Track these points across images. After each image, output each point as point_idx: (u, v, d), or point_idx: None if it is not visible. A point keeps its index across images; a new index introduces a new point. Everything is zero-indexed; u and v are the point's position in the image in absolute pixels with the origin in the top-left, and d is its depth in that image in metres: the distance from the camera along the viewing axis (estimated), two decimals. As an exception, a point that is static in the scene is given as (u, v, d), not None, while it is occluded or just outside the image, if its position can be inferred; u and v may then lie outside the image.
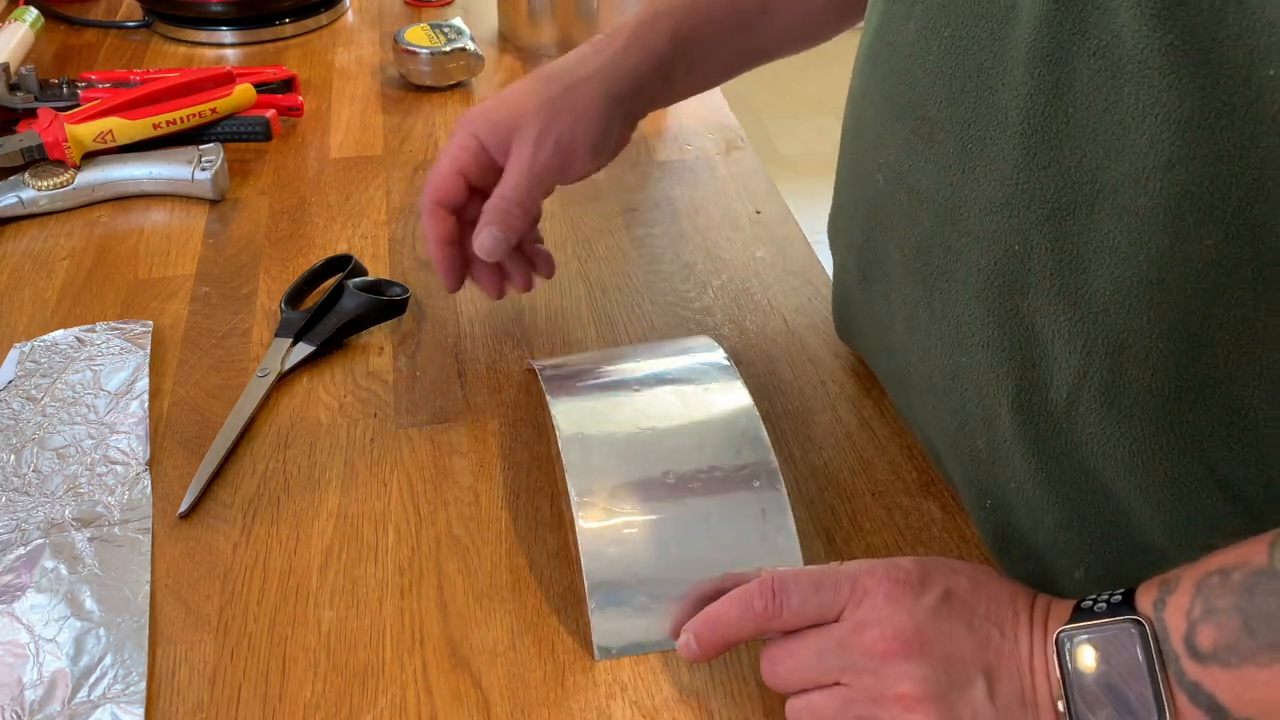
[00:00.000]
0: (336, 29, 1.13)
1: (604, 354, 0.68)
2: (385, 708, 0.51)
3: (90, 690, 0.51)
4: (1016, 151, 0.46)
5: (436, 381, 0.69)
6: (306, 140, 0.94)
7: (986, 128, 0.48)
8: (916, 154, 0.52)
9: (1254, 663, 0.39)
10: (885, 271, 0.58)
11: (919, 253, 0.54)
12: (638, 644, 0.53)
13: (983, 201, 0.49)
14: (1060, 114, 0.44)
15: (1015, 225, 0.48)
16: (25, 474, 0.61)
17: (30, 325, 0.73)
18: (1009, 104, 0.46)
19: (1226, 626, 0.40)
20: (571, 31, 1.04)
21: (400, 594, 0.56)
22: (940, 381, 0.55)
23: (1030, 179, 0.46)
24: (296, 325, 0.71)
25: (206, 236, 0.82)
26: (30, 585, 0.55)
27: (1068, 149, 0.45)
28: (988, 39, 0.47)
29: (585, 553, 0.54)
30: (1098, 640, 0.43)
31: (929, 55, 0.50)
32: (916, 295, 0.55)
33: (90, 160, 0.86)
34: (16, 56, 1.00)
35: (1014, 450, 0.52)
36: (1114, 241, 0.45)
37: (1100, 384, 0.48)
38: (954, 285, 0.52)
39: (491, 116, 0.64)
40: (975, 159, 0.49)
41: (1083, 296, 0.46)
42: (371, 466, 0.63)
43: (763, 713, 0.51)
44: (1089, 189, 0.44)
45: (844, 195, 0.61)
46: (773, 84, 2.96)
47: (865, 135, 0.57)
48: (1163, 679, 0.42)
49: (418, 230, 0.83)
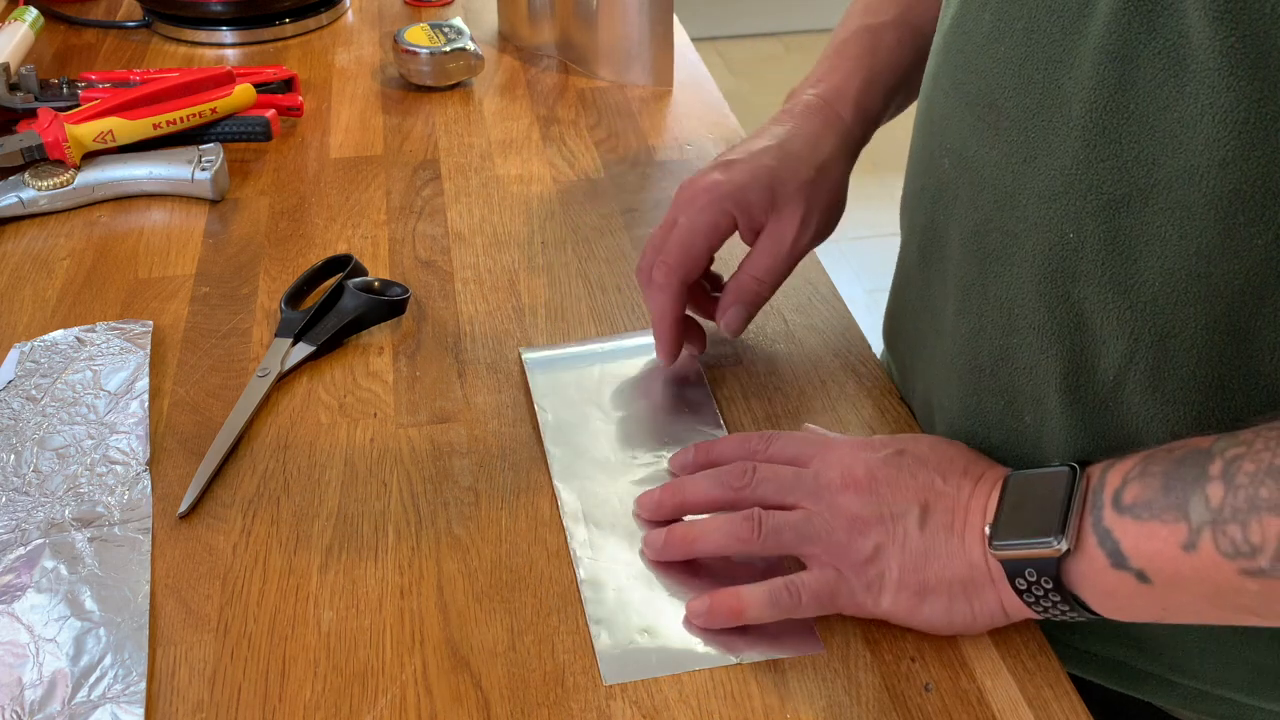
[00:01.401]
0: (336, 29, 1.13)
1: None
2: (385, 708, 0.51)
3: (90, 690, 0.51)
4: (1077, 143, 0.48)
5: (436, 381, 0.69)
6: (306, 140, 0.94)
7: (1050, 118, 0.49)
8: (982, 140, 0.54)
9: (1159, 519, 0.45)
10: (944, 254, 0.59)
11: (977, 236, 0.55)
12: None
13: (1041, 190, 0.51)
14: (1122, 109, 0.46)
15: (1071, 214, 0.49)
16: (25, 474, 0.61)
17: (30, 325, 0.73)
18: (1073, 96, 0.48)
19: (1150, 486, 0.46)
20: (571, 31, 1.05)
21: (400, 594, 0.56)
22: (988, 362, 0.57)
23: (1088, 170, 0.48)
24: (296, 325, 0.71)
25: (206, 236, 0.82)
26: (30, 585, 0.55)
27: (1126, 143, 0.46)
28: (1059, 33, 0.49)
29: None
30: (1033, 478, 0.51)
31: (1000, 45, 0.52)
32: (972, 277, 0.56)
33: (90, 160, 0.86)
34: (16, 56, 1.00)
35: (1060, 427, 0.54)
36: (1165, 235, 0.46)
37: (1145, 370, 0.50)
38: (1009, 269, 0.54)
39: (749, 196, 0.65)
40: (1037, 148, 0.50)
41: (1132, 286, 0.48)
42: (371, 466, 0.63)
43: (763, 713, 0.51)
44: (1144, 183, 0.46)
45: (912, 178, 0.63)
46: (773, 84, 2.96)
47: (934, 119, 0.58)
48: (1079, 518, 0.48)
49: (418, 230, 0.83)
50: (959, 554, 0.52)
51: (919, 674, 0.53)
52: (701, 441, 0.63)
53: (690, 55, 1.08)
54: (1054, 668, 0.53)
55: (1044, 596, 0.49)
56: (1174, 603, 0.47)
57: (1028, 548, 0.49)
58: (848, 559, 0.53)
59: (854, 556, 0.53)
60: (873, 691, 0.52)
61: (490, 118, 0.97)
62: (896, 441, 0.56)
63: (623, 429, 0.66)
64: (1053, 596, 0.49)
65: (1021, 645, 0.54)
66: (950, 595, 0.52)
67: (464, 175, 0.89)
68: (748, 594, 0.54)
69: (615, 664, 0.53)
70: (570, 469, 0.63)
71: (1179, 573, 0.45)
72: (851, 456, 0.55)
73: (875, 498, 0.53)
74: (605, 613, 0.55)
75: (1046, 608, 0.50)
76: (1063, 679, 0.53)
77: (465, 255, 0.80)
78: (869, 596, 0.53)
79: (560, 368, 0.69)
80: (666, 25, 1.01)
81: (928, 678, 0.53)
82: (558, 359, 0.70)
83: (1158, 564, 0.45)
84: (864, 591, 0.53)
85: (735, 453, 0.60)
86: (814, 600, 0.53)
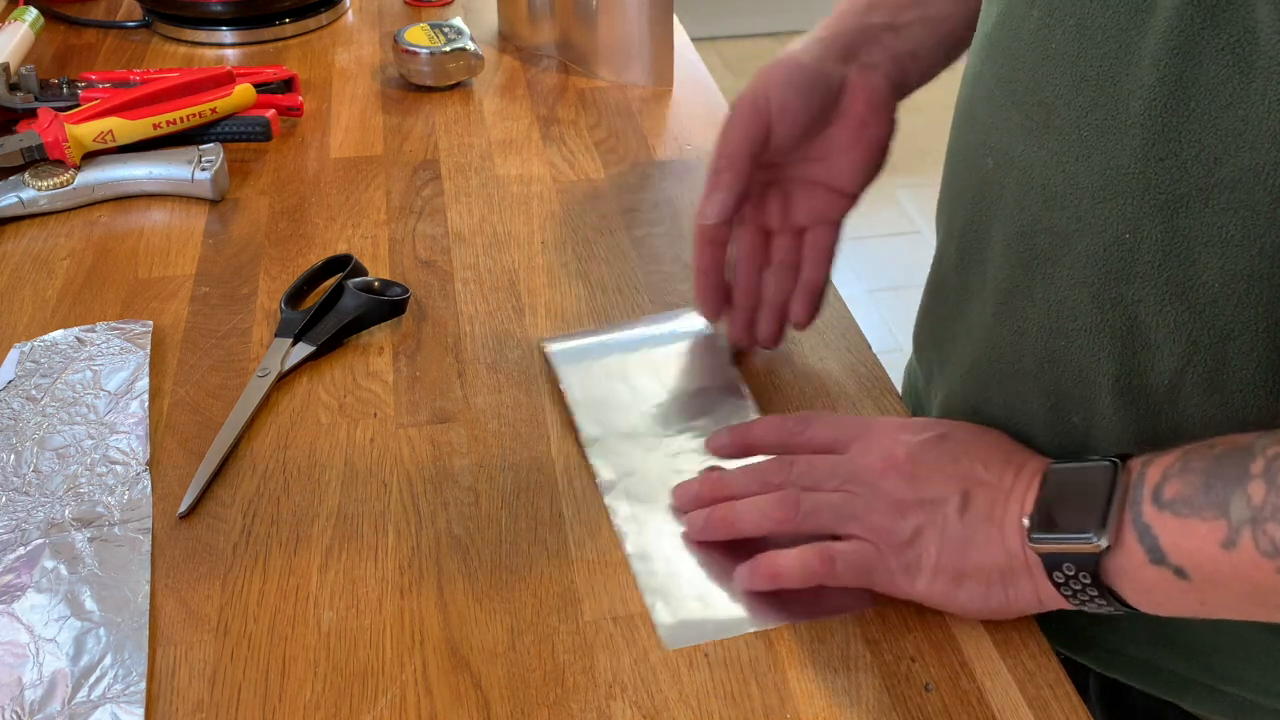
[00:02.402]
0: (336, 29, 1.13)
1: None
2: (385, 708, 0.51)
3: (90, 690, 0.51)
4: (1135, 141, 0.47)
5: (436, 381, 0.69)
6: (306, 140, 0.94)
7: (1106, 116, 0.49)
8: (1030, 139, 0.53)
9: (1199, 516, 0.44)
10: (984, 256, 0.58)
11: (1023, 237, 0.55)
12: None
13: (1095, 189, 0.50)
14: (1183, 106, 0.45)
15: (1127, 214, 0.49)
16: (25, 474, 0.61)
17: (30, 325, 0.73)
18: (1131, 94, 0.47)
19: (1191, 483, 0.45)
20: (571, 31, 1.05)
21: (400, 594, 0.56)
22: (1032, 366, 0.56)
23: (1146, 169, 0.47)
24: (296, 325, 0.71)
25: (206, 236, 0.82)
26: (30, 585, 0.55)
27: (1187, 141, 0.46)
28: (1115, 30, 0.48)
29: None
30: (1074, 471, 0.51)
31: (1051, 43, 0.51)
32: (1016, 279, 0.56)
33: (90, 160, 0.86)
34: (16, 56, 1.00)
35: (1111, 427, 0.54)
36: (1226, 235, 0.46)
37: (1203, 372, 0.49)
38: (1058, 271, 0.53)
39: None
40: (1091, 147, 0.50)
41: (1190, 288, 0.48)
42: (371, 466, 0.63)
43: (763, 713, 0.51)
44: (1205, 182, 0.46)
45: (951, 180, 0.62)
46: (773, 84, 2.96)
47: (977, 119, 0.58)
48: (1119, 514, 0.47)
49: (418, 230, 0.83)
50: (998, 543, 0.52)
51: (919, 674, 0.53)
52: (737, 425, 0.63)
53: (690, 55, 1.08)
54: (1054, 668, 0.53)
55: (1081, 590, 0.49)
56: (1212, 599, 0.46)
57: (1067, 543, 0.49)
58: (887, 539, 0.53)
59: (893, 538, 0.53)
60: (873, 691, 0.52)
61: (490, 118, 0.97)
62: (938, 425, 0.56)
63: (653, 405, 0.67)
64: (1090, 591, 0.49)
65: (1021, 645, 0.54)
66: (987, 583, 0.52)
67: (464, 175, 0.89)
68: (783, 559, 0.55)
69: (674, 631, 0.54)
70: (604, 445, 0.64)
71: (1218, 570, 0.44)
72: (891, 439, 0.56)
73: (916, 482, 0.54)
74: (658, 583, 0.56)
75: (1083, 601, 0.50)
76: (1063, 679, 0.53)
77: (465, 255, 0.80)
78: (905, 578, 0.53)
79: (585, 356, 0.70)
80: (666, 25, 1.01)
81: (928, 678, 0.53)
82: (581, 348, 0.71)
83: (1196, 561, 0.45)
84: (901, 573, 0.53)
85: (772, 436, 0.60)
86: (850, 570, 0.54)
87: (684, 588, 0.56)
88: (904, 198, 2.70)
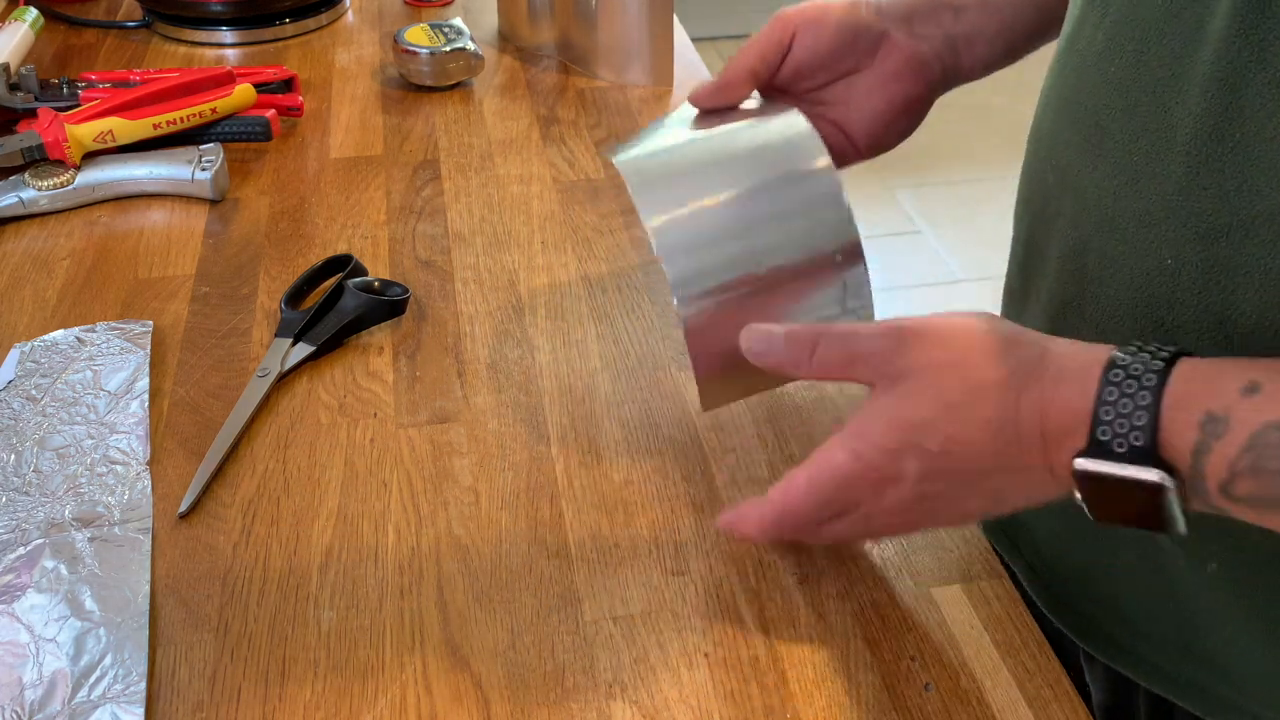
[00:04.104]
0: (336, 29, 1.13)
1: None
2: (385, 708, 0.51)
3: (90, 690, 0.51)
4: (1180, 169, 0.47)
5: (436, 381, 0.69)
6: (306, 140, 0.94)
7: (1154, 142, 0.49)
8: (1086, 160, 0.53)
9: (1276, 511, 0.41)
10: (1042, 270, 0.59)
11: (1076, 255, 0.55)
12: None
13: (1141, 214, 0.50)
14: (1228, 137, 0.45)
15: (1170, 240, 0.49)
16: (25, 474, 0.61)
17: (30, 325, 0.73)
18: (1179, 122, 0.47)
19: (1269, 485, 0.40)
20: (571, 31, 1.05)
21: (400, 594, 0.56)
22: None
23: (1189, 197, 0.47)
24: (296, 325, 0.71)
25: (206, 236, 0.82)
26: (30, 585, 0.55)
27: (1230, 172, 0.46)
28: (1169, 57, 0.48)
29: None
30: (1113, 484, 0.43)
31: (1111, 66, 0.51)
32: (1069, 295, 0.56)
33: (90, 160, 0.86)
34: (16, 56, 1.00)
35: None
36: (1266, 266, 0.45)
37: None
38: (1106, 291, 0.53)
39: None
40: (1140, 172, 0.50)
41: (1228, 317, 0.47)
42: (371, 466, 0.63)
43: (763, 713, 0.51)
44: (1246, 213, 0.45)
45: (1021, 188, 0.62)
46: (773, 84, 2.96)
47: (1043, 134, 0.58)
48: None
49: (418, 230, 0.83)
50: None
51: (919, 674, 0.53)
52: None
53: (690, 55, 1.08)
54: (1054, 668, 0.53)
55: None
56: None
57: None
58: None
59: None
60: (873, 691, 0.52)
61: (490, 118, 0.97)
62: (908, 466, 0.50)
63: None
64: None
65: (1021, 645, 0.54)
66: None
67: (464, 175, 0.89)
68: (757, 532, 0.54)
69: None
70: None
71: None
72: (881, 501, 0.50)
73: (933, 520, 0.53)
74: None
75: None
76: (1063, 679, 0.53)
77: (465, 255, 0.80)
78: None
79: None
80: (666, 25, 1.01)
81: (928, 678, 0.53)
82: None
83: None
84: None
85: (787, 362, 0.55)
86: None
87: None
88: (904, 198, 2.70)
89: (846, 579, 0.57)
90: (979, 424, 0.46)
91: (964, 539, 0.59)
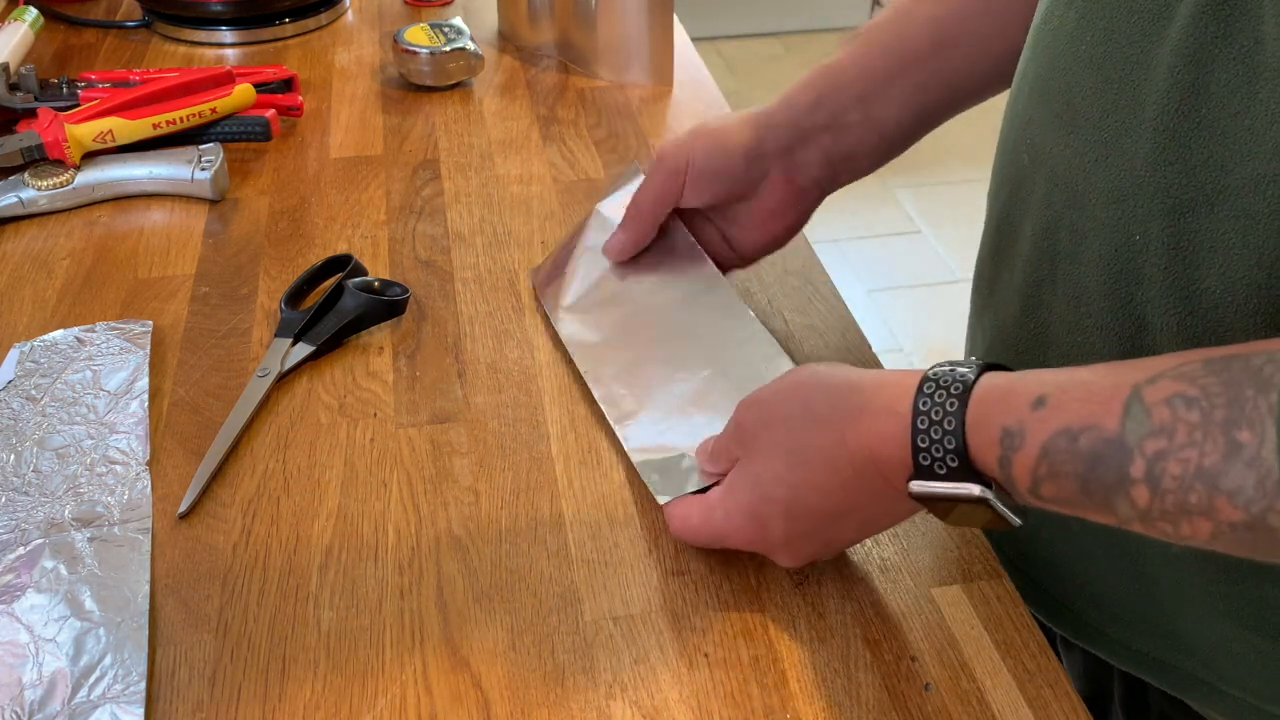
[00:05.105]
0: (336, 29, 1.13)
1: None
2: (385, 708, 0.51)
3: (90, 690, 0.51)
4: (1148, 145, 0.48)
5: (436, 381, 0.69)
6: (306, 140, 0.94)
7: (1124, 119, 0.49)
8: (1057, 138, 0.54)
9: (1083, 508, 0.44)
10: (1016, 250, 0.59)
11: (1048, 233, 0.55)
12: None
13: (1110, 190, 0.50)
14: (1194, 113, 0.46)
15: (1138, 216, 0.49)
16: (25, 474, 0.61)
17: (30, 325, 0.73)
18: (1148, 98, 0.48)
19: (1067, 487, 0.44)
20: (571, 31, 1.05)
21: (400, 594, 0.56)
22: (1055, 361, 0.57)
23: (1157, 173, 0.48)
24: (296, 325, 0.71)
25: (206, 236, 0.82)
26: (30, 585, 0.55)
27: (1196, 148, 0.46)
28: (1138, 35, 0.48)
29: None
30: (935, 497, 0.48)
31: (1082, 44, 0.52)
32: (1042, 274, 0.56)
33: (90, 160, 0.86)
34: (16, 56, 1.00)
35: None
36: (1228, 242, 0.46)
37: None
38: (1078, 269, 0.54)
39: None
40: (1110, 149, 0.50)
41: (1193, 292, 0.48)
42: (371, 466, 0.63)
43: (763, 713, 0.51)
44: (1211, 188, 0.46)
45: (996, 170, 0.63)
46: (773, 84, 2.96)
47: (1018, 114, 0.58)
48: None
49: (418, 230, 0.83)
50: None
51: (919, 674, 0.53)
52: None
53: (690, 55, 1.08)
54: (1054, 668, 0.53)
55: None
56: None
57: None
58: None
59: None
60: (873, 691, 0.52)
61: (490, 118, 0.97)
62: (774, 500, 0.54)
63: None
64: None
65: (1021, 645, 0.54)
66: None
67: (464, 175, 0.89)
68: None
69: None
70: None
71: None
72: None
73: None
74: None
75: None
76: (1063, 679, 0.53)
77: (465, 255, 0.80)
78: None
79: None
80: (666, 25, 1.01)
81: (928, 678, 0.53)
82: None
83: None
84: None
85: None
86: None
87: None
88: (904, 198, 2.70)
89: (846, 579, 0.57)
90: (815, 467, 0.52)
91: (964, 539, 0.59)
